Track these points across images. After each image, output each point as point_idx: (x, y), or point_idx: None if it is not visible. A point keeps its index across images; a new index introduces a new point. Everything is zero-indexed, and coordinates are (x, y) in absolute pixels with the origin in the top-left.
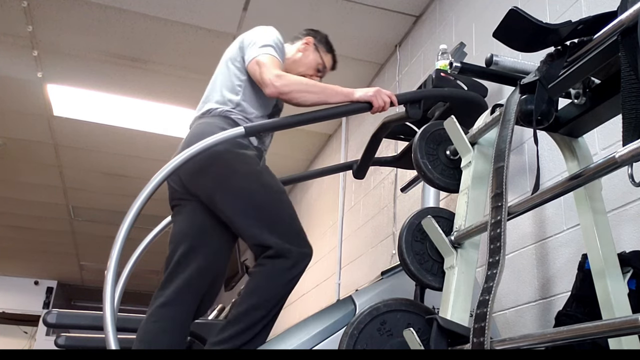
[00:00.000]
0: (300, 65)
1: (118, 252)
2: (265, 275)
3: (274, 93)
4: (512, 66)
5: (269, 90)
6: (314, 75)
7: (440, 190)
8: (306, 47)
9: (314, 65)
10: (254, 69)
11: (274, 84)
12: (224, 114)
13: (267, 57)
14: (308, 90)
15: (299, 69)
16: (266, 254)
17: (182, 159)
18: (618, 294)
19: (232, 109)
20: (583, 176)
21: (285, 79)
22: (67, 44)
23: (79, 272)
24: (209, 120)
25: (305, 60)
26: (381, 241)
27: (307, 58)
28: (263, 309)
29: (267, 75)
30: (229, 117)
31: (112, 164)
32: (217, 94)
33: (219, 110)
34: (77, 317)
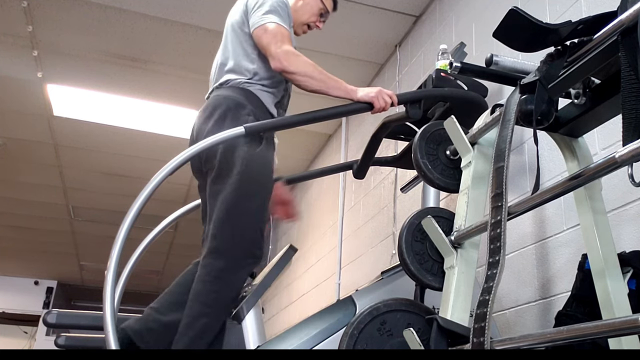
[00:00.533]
0: (303, 13)
1: (118, 252)
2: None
3: (278, 68)
4: (512, 66)
5: (274, 63)
6: (317, 21)
7: (440, 190)
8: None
9: (316, 12)
10: (259, 36)
11: (280, 59)
12: (242, 85)
13: (274, 26)
14: (312, 76)
15: (303, 17)
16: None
17: (182, 159)
18: (618, 294)
19: (250, 79)
20: (583, 176)
21: (293, 59)
22: (67, 44)
23: (79, 272)
24: (226, 92)
25: (307, 7)
26: (381, 241)
27: (309, 5)
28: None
29: (275, 49)
30: (246, 89)
31: (112, 164)
32: (231, 62)
33: (237, 81)
34: (77, 317)
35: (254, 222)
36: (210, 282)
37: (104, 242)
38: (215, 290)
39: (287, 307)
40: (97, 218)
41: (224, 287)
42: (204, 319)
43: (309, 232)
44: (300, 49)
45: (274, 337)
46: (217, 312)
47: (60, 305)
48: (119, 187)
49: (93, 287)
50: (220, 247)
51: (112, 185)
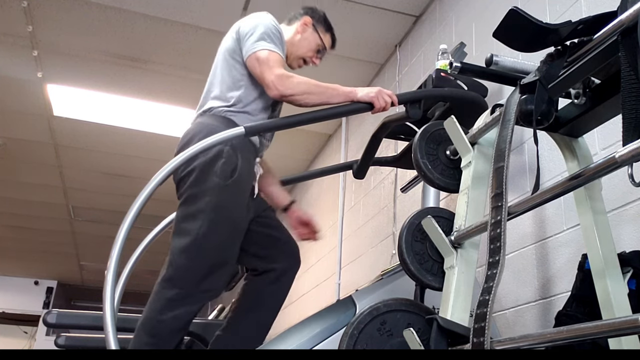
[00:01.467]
0: (300, 47)
1: (118, 252)
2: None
3: (276, 95)
4: (512, 66)
5: (271, 92)
6: (314, 56)
7: (440, 190)
8: (304, 28)
9: (313, 47)
10: (253, 65)
11: (276, 86)
12: (224, 114)
13: (266, 53)
14: (310, 92)
15: (299, 51)
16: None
17: (182, 159)
18: (618, 294)
19: (233, 107)
20: (583, 176)
21: (287, 81)
22: (67, 44)
23: (79, 272)
24: (207, 120)
25: (304, 42)
26: (381, 241)
27: (307, 40)
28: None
29: (269, 77)
30: (228, 117)
31: (112, 164)
32: (217, 89)
33: (219, 109)
34: (77, 317)
35: (214, 257)
36: (158, 311)
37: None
38: (161, 320)
39: (287, 307)
40: (97, 218)
41: (171, 318)
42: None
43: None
44: None
45: (274, 337)
46: (161, 343)
47: (60, 305)
48: (119, 187)
49: (93, 287)
50: (174, 277)
51: (112, 185)
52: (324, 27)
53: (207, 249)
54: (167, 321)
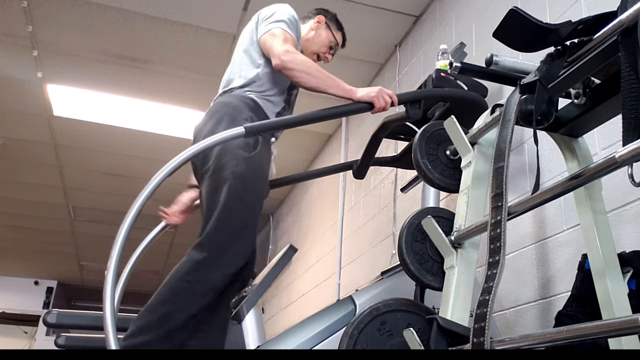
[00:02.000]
0: (313, 43)
1: (118, 252)
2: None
3: (278, 65)
4: (512, 66)
5: (274, 61)
6: (327, 52)
7: (440, 190)
8: (318, 26)
9: (326, 43)
10: (265, 40)
11: (280, 56)
12: (243, 92)
13: (279, 30)
14: (310, 73)
15: (313, 47)
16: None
17: (182, 159)
18: (618, 294)
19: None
20: (583, 176)
21: (293, 56)
22: (67, 44)
23: (79, 272)
24: (227, 99)
25: (318, 38)
26: (381, 241)
27: (320, 36)
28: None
29: (276, 48)
30: (247, 96)
31: (112, 164)
32: (237, 70)
33: (238, 88)
34: (77, 317)
35: (240, 225)
36: (185, 272)
37: (104, 242)
38: (187, 281)
39: (287, 307)
40: (97, 218)
41: (196, 281)
42: (166, 306)
43: (309, 232)
44: None
45: (274, 337)
46: (181, 303)
47: (60, 305)
48: (119, 187)
49: (93, 287)
50: (203, 242)
51: (112, 185)
52: (336, 25)
53: (233, 219)
54: (192, 282)
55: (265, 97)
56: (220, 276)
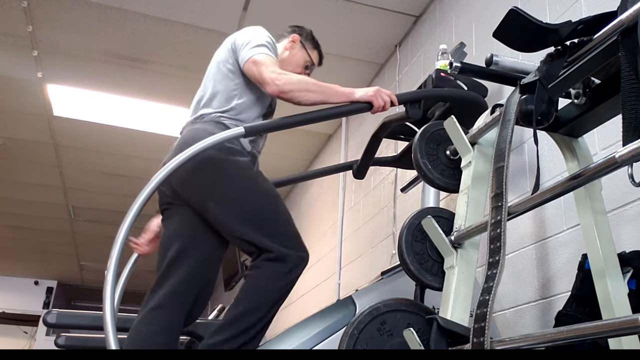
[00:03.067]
0: (288, 64)
1: (118, 252)
2: (263, 278)
3: (275, 92)
4: (512, 66)
5: (270, 88)
6: (302, 72)
7: (440, 190)
8: (293, 45)
9: (301, 63)
10: (250, 68)
11: (275, 82)
12: (217, 119)
13: (263, 56)
14: (309, 90)
15: (287, 67)
16: (264, 257)
17: (182, 159)
18: (618, 294)
19: (224, 113)
20: (583, 176)
21: (287, 78)
22: (67, 44)
23: (79, 272)
24: (201, 126)
25: (292, 58)
26: (381, 241)
27: (295, 56)
28: (259, 311)
29: (268, 74)
30: (221, 122)
31: (112, 164)
32: (209, 96)
33: (212, 115)
34: (77, 317)
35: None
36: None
37: (104, 242)
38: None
39: (287, 307)
40: (97, 218)
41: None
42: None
43: (309, 232)
44: None
45: (274, 337)
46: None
47: (60, 305)
48: (119, 187)
49: (93, 287)
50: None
51: (112, 185)
52: (312, 44)
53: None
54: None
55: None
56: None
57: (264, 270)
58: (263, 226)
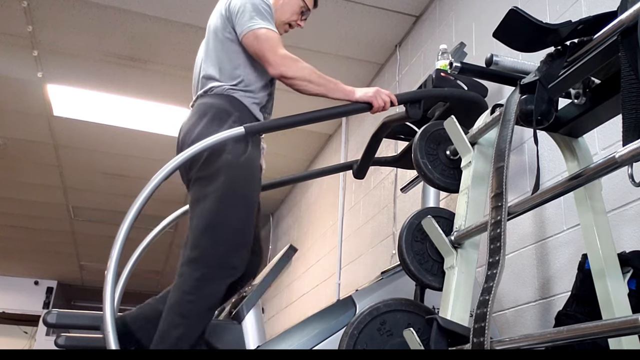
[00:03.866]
0: (283, 12)
1: (118, 252)
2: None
3: (276, 74)
4: (512, 66)
5: (272, 70)
6: (299, 19)
7: (440, 190)
8: None
9: (297, 10)
10: (251, 42)
11: (279, 66)
12: (226, 92)
13: (264, 31)
14: (310, 80)
15: (283, 17)
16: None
17: (182, 159)
18: (618, 294)
19: (234, 86)
20: (583, 176)
21: (292, 64)
22: (67, 44)
23: (79, 272)
24: (211, 100)
25: (287, 6)
26: (381, 241)
27: (290, 4)
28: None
29: (272, 55)
30: (231, 95)
31: (112, 164)
32: (213, 69)
33: (220, 88)
34: (77, 317)
35: (236, 233)
36: (187, 292)
37: (104, 242)
38: (191, 301)
39: (287, 307)
40: (97, 218)
41: (201, 298)
42: (179, 329)
43: (309, 232)
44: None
45: (274, 337)
46: (193, 323)
47: (60, 305)
48: (119, 187)
49: (93, 287)
50: (198, 257)
51: (112, 185)
52: None
53: (227, 227)
54: (197, 301)
55: (250, 96)
56: (222, 286)
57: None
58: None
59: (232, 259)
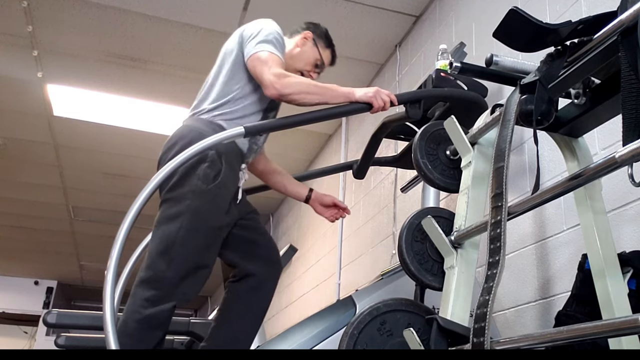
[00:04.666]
0: (298, 60)
1: (118, 252)
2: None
3: (274, 95)
4: (512, 66)
5: (268, 91)
6: (312, 71)
7: (440, 190)
8: (304, 42)
9: (312, 61)
10: (253, 64)
11: (274, 85)
12: (210, 118)
13: (267, 54)
14: (308, 92)
15: (297, 64)
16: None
17: (183, 159)
18: (618, 294)
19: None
20: (583, 176)
21: (286, 81)
22: (67, 44)
23: (79, 272)
24: (192, 123)
25: (303, 55)
26: (381, 241)
27: (305, 53)
28: None
29: (267, 76)
30: (214, 122)
31: (112, 164)
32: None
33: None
34: (77, 317)
35: (192, 261)
36: (134, 312)
37: (104, 242)
38: (137, 320)
39: (287, 307)
40: (97, 218)
41: (145, 317)
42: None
43: (309, 232)
44: None
45: (274, 337)
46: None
47: (60, 305)
48: (119, 187)
49: (93, 287)
50: (151, 279)
51: (112, 185)
52: (325, 42)
53: (184, 253)
54: (142, 320)
55: (236, 123)
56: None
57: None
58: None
59: (184, 285)
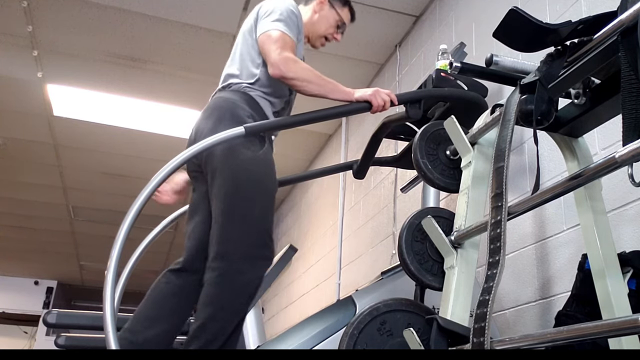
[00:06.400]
0: (319, 26)
1: (118, 252)
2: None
3: (276, 74)
4: (512, 66)
5: (272, 70)
6: (335, 32)
7: (440, 190)
8: (321, 7)
9: (332, 24)
10: (262, 41)
11: (279, 66)
12: (243, 89)
13: (278, 33)
14: (310, 81)
15: (319, 30)
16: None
17: (182, 159)
18: (618, 294)
19: (251, 84)
20: (583, 176)
21: (291, 65)
22: (67, 44)
23: (79, 272)
24: (227, 95)
25: (323, 20)
26: (381, 241)
27: (325, 17)
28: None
29: (274, 55)
30: (247, 93)
31: (112, 164)
32: (237, 66)
33: (238, 85)
34: (77, 317)
35: (261, 225)
36: (222, 285)
37: (104, 242)
38: (227, 294)
39: (287, 307)
40: (97, 218)
41: (236, 290)
42: (217, 323)
43: (309, 232)
44: None
45: (274, 337)
46: (230, 316)
47: (60, 305)
48: (119, 187)
49: (93, 287)
50: (228, 251)
51: (112, 185)
52: (341, 2)
53: (251, 219)
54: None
55: (265, 97)
56: (256, 277)
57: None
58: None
59: (262, 250)
